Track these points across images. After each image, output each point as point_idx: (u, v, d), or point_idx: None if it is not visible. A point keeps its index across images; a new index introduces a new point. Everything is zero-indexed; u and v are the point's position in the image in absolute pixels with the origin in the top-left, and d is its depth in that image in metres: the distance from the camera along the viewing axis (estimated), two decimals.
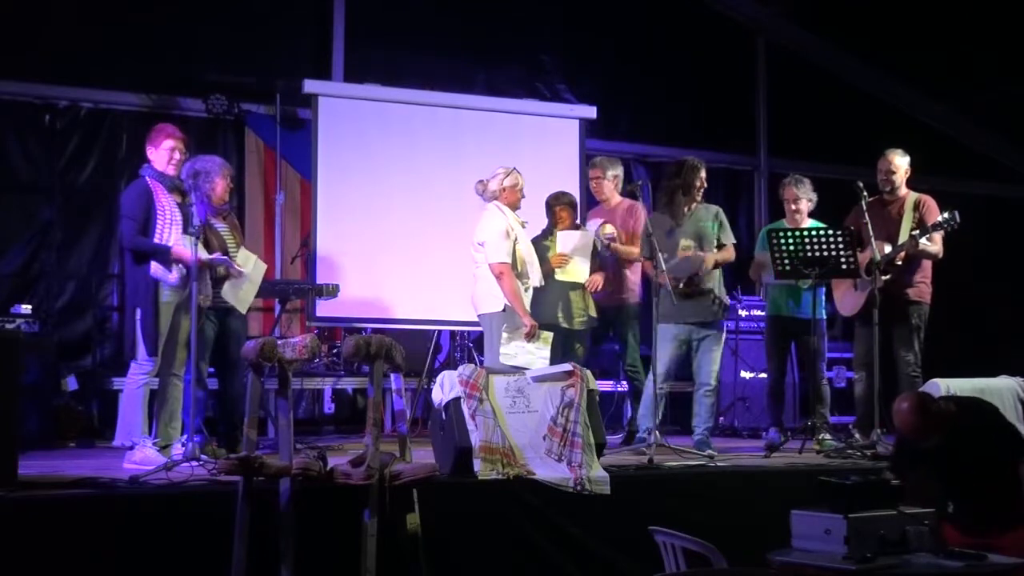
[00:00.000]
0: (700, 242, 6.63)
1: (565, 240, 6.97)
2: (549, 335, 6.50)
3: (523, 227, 6.69)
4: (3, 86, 8.18)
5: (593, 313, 7.08)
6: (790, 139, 10.59)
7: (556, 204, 7.14)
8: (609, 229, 7.18)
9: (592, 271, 6.99)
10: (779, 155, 10.67)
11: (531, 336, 6.39)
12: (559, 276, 6.93)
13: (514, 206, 6.62)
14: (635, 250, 7.04)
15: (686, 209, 6.71)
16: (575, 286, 6.98)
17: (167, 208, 5.72)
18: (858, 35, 10.51)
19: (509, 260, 6.43)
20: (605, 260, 7.17)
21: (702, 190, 6.77)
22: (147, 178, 5.77)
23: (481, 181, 6.70)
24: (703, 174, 6.76)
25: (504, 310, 6.44)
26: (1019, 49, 10.05)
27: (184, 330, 5.68)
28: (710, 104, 10.36)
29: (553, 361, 6.31)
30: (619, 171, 7.46)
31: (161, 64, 8.55)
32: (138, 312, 5.64)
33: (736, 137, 10.64)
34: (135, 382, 5.64)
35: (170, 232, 5.66)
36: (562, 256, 6.93)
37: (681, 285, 6.48)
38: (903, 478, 4.62)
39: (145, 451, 5.45)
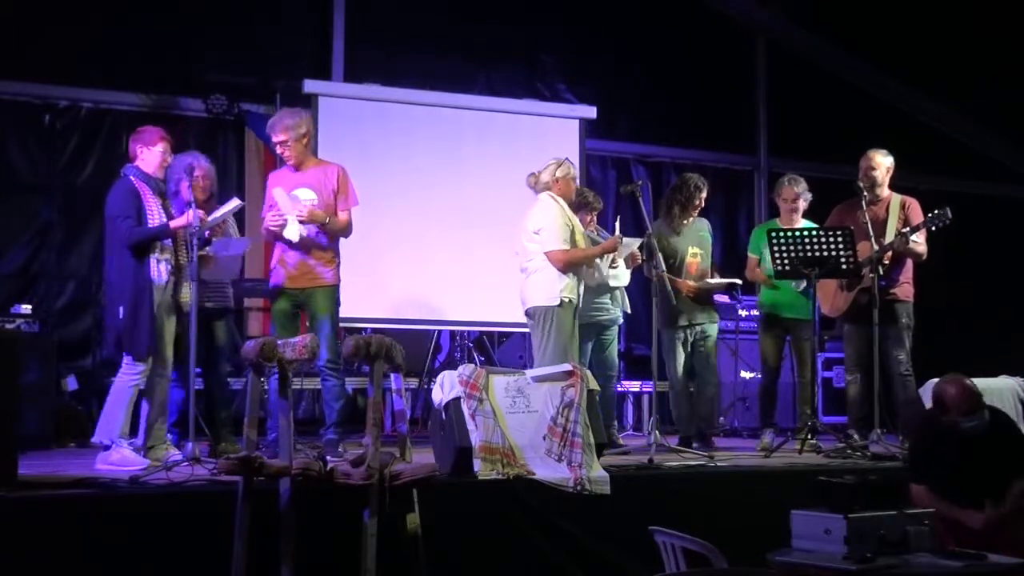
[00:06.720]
0: (701, 248, 6.94)
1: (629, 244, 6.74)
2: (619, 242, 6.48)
3: None
4: (3, 86, 8.19)
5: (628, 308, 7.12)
6: (790, 139, 10.59)
7: (593, 208, 7.01)
8: (309, 194, 6.12)
9: None
10: (779, 155, 10.67)
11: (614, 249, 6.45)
12: (612, 283, 6.81)
13: (567, 198, 6.35)
14: (343, 219, 6.11)
15: (684, 221, 6.97)
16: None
17: (155, 209, 5.64)
18: (858, 35, 10.52)
19: (568, 247, 6.13)
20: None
21: (699, 208, 7.02)
22: (132, 178, 5.66)
23: (532, 174, 6.39)
24: (704, 195, 7.00)
25: (560, 304, 6.05)
26: (1019, 49, 10.05)
27: (169, 330, 5.67)
28: (710, 104, 10.37)
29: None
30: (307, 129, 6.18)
31: (161, 64, 8.57)
32: (122, 312, 5.48)
33: (736, 137, 10.65)
34: (127, 381, 5.51)
35: None
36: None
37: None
38: (924, 481, 4.63)
39: (123, 452, 5.39)
